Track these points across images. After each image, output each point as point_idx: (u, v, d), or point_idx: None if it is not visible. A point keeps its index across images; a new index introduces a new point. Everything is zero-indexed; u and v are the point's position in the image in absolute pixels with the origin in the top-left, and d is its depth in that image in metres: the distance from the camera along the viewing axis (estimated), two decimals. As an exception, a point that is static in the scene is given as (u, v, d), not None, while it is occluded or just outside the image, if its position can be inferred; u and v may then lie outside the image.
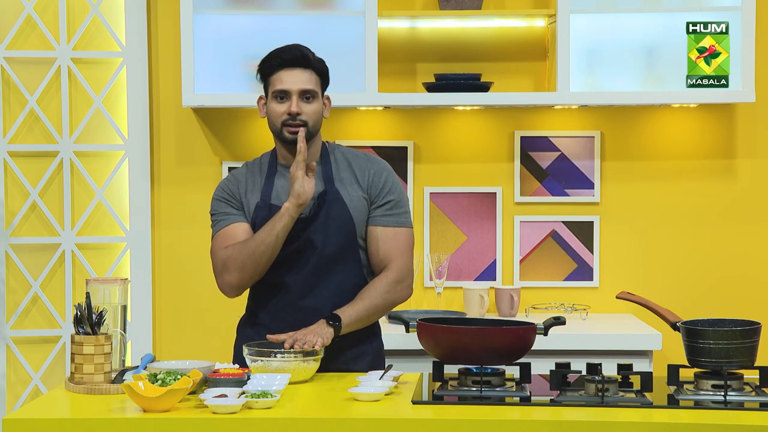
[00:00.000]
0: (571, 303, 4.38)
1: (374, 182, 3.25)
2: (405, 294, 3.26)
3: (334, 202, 3.20)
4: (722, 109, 4.42)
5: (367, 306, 3.19)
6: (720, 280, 4.45)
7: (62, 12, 4.37)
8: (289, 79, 3.19)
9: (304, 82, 3.19)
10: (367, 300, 3.20)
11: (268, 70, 3.23)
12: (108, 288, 2.98)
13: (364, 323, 3.21)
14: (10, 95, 4.41)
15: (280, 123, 3.19)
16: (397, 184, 3.28)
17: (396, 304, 3.26)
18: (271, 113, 3.22)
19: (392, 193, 3.26)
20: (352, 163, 3.27)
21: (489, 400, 2.72)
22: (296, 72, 3.20)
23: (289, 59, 3.20)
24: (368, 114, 4.46)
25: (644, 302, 3.05)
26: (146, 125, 4.42)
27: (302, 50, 3.22)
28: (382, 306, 3.22)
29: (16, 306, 4.43)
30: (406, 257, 3.26)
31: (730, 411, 2.64)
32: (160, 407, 2.59)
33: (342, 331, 3.12)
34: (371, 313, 3.20)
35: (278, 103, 3.20)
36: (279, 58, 3.21)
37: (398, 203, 3.26)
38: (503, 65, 4.43)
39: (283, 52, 3.22)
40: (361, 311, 3.18)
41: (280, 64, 3.20)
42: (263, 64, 3.24)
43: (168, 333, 4.48)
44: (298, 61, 3.20)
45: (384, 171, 3.28)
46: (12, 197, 4.43)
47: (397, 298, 3.24)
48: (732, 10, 4.20)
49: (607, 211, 4.47)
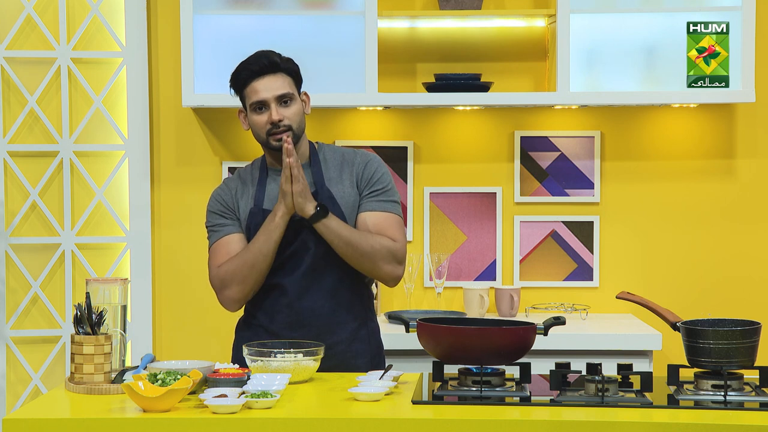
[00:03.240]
0: (571, 303, 4.38)
1: (364, 174, 3.23)
2: (394, 272, 3.18)
3: (325, 202, 3.19)
4: (722, 109, 4.42)
5: (353, 233, 3.13)
6: (720, 280, 4.45)
7: (62, 12, 4.37)
8: (263, 88, 3.18)
9: (278, 88, 3.19)
10: (358, 235, 3.14)
11: (240, 83, 3.22)
12: (108, 288, 2.98)
13: (338, 244, 3.13)
14: (10, 95, 4.41)
15: (265, 133, 3.20)
16: (386, 175, 3.26)
17: (376, 269, 3.17)
18: (254, 125, 3.22)
19: (381, 182, 3.24)
20: (340, 160, 3.26)
21: (489, 400, 2.72)
22: (268, 79, 3.19)
23: (257, 69, 3.19)
24: (368, 114, 4.47)
25: (644, 302, 3.05)
26: (146, 125, 4.42)
27: (269, 56, 3.21)
28: (364, 252, 3.13)
29: (16, 306, 4.43)
30: (404, 239, 3.21)
31: (730, 411, 2.64)
32: (160, 407, 2.59)
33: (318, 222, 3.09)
34: (350, 245, 3.12)
35: (258, 114, 3.20)
36: (248, 71, 3.20)
37: (387, 191, 3.23)
38: (503, 65, 4.43)
39: (251, 64, 3.20)
40: (346, 231, 3.12)
41: (250, 76, 3.20)
42: (234, 79, 3.23)
43: (168, 333, 4.48)
44: (267, 69, 3.19)
45: (373, 162, 3.26)
46: (12, 197, 4.43)
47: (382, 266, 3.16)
48: (732, 10, 4.20)
49: (607, 211, 4.47)
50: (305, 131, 3.26)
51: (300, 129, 3.22)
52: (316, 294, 3.21)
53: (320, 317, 3.21)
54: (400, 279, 3.23)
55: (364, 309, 3.29)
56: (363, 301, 3.29)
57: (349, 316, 3.25)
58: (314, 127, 4.41)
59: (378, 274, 3.20)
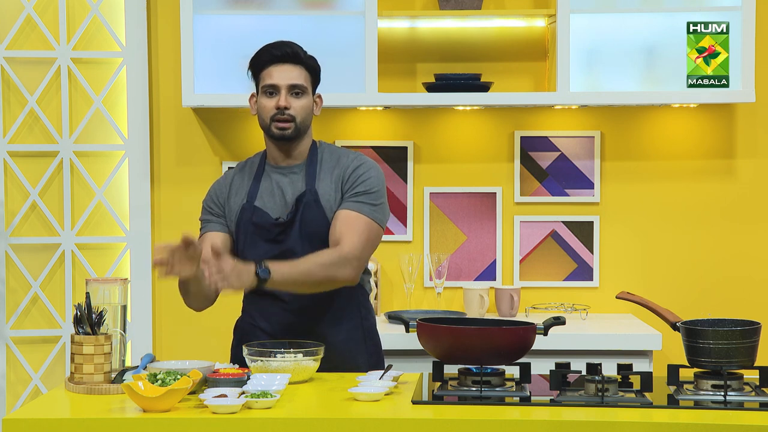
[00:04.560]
0: (571, 303, 4.38)
1: (351, 176, 3.20)
2: (347, 275, 3.10)
3: (310, 204, 3.17)
4: (722, 109, 4.42)
5: (302, 271, 3.05)
6: (720, 280, 4.45)
7: (62, 12, 4.37)
8: (279, 74, 3.19)
9: (293, 77, 3.19)
10: (305, 266, 3.06)
11: (258, 66, 3.23)
12: (108, 288, 2.98)
13: (296, 288, 3.09)
14: (10, 95, 4.41)
15: (268, 118, 3.20)
16: (374, 179, 3.20)
17: (336, 283, 3.12)
18: (260, 108, 3.23)
19: (365, 185, 3.19)
20: (336, 162, 3.24)
21: (489, 400, 2.72)
22: (286, 67, 3.20)
23: (279, 55, 3.21)
24: (368, 114, 4.47)
25: (644, 302, 3.05)
26: (146, 125, 4.42)
27: (293, 47, 3.23)
28: (319, 277, 3.07)
29: (16, 306, 4.43)
30: (359, 238, 3.12)
31: (730, 411, 2.64)
32: (160, 407, 2.59)
33: (268, 286, 3.00)
34: (306, 280, 3.06)
35: (268, 98, 3.21)
36: (269, 54, 3.22)
37: (368, 194, 3.18)
38: (503, 65, 4.43)
39: (274, 48, 3.22)
40: (295, 274, 3.04)
41: (270, 60, 3.21)
42: (254, 61, 3.25)
43: (168, 333, 4.48)
44: (288, 57, 3.21)
45: (364, 166, 3.21)
46: (12, 197, 4.43)
47: (338, 276, 3.09)
48: (732, 10, 4.20)
49: (607, 211, 4.47)
50: (311, 132, 3.26)
51: (304, 124, 3.21)
52: (307, 296, 3.19)
53: (316, 318, 3.21)
54: (356, 279, 3.15)
55: (360, 307, 3.29)
56: (359, 299, 3.28)
57: (346, 315, 3.25)
58: (314, 127, 4.39)
59: (337, 285, 3.15)
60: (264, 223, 3.18)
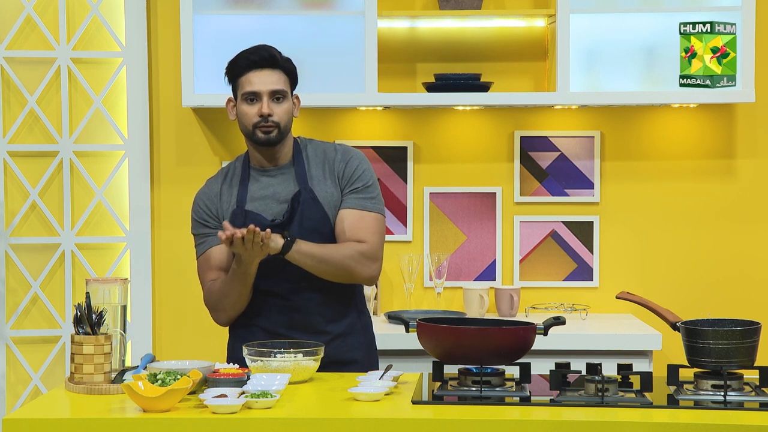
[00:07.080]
0: (570, 303, 4.38)
1: (345, 171, 3.22)
2: (368, 272, 3.18)
3: (308, 202, 3.19)
4: (722, 109, 4.42)
5: (324, 252, 3.12)
6: (720, 280, 4.45)
7: (62, 12, 4.37)
8: (259, 81, 3.18)
9: (273, 82, 3.19)
10: (327, 250, 3.13)
11: (236, 72, 3.22)
12: (108, 288, 2.98)
13: (314, 266, 3.13)
14: (10, 95, 4.41)
15: (251, 125, 3.20)
16: (367, 171, 3.25)
17: (353, 276, 3.17)
18: (241, 116, 3.22)
19: (361, 180, 3.22)
20: (323, 158, 3.25)
21: (489, 400, 2.72)
22: (265, 73, 3.19)
23: (257, 60, 3.19)
24: (368, 114, 4.47)
25: (644, 302, 3.05)
26: (146, 125, 4.42)
27: (270, 51, 3.21)
28: (338, 265, 3.13)
29: (16, 306, 4.43)
30: (377, 238, 3.20)
31: (729, 411, 2.64)
32: (160, 407, 2.59)
33: (290, 254, 3.08)
34: (325, 261, 3.12)
35: (249, 105, 3.20)
36: (247, 60, 3.20)
37: (366, 188, 3.22)
38: (503, 65, 4.43)
39: (251, 54, 3.21)
40: (317, 252, 3.11)
41: (248, 66, 3.20)
42: (231, 66, 3.23)
43: (168, 333, 4.48)
44: (267, 62, 3.20)
45: (354, 159, 3.25)
46: (12, 197, 4.43)
47: (358, 271, 3.16)
48: (732, 10, 4.20)
49: (606, 211, 4.47)
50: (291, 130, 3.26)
51: (286, 128, 3.22)
52: (307, 295, 3.20)
53: (313, 314, 3.22)
54: (376, 278, 3.23)
55: (356, 302, 3.30)
56: (355, 295, 3.30)
57: (343, 311, 3.26)
58: (314, 127, 4.42)
59: (355, 279, 3.20)
60: (259, 226, 3.18)
